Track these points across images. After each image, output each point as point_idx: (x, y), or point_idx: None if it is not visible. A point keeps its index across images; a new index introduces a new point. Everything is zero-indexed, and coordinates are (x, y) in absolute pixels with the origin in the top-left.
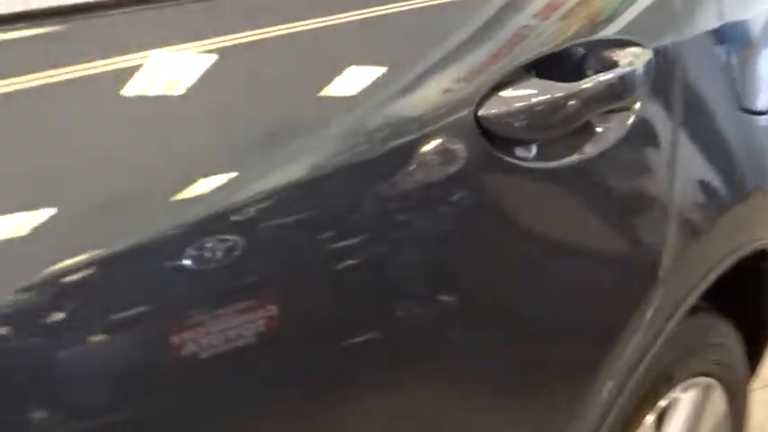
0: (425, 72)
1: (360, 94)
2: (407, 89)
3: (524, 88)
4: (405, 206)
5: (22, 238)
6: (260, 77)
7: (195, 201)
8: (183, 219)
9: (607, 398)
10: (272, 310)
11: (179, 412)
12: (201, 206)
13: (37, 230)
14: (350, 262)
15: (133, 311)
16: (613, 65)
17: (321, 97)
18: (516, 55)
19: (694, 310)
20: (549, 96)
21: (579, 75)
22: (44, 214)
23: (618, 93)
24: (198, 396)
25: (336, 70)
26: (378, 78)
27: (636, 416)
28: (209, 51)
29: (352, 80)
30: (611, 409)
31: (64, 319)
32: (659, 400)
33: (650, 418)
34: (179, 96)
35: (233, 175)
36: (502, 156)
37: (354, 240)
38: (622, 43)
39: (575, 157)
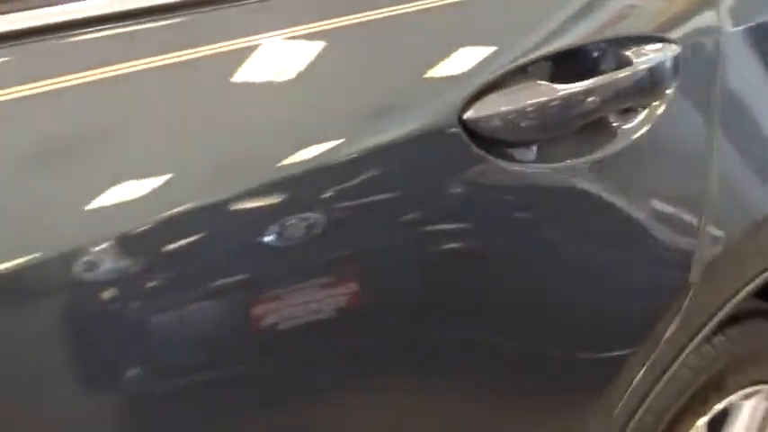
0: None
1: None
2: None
3: (519, 89)
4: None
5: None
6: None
7: (294, 177)
8: (284, 191)
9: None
10: (353, 287)
11: (257, 377)
12: (299, 181)
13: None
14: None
15: (222, 280)
16: (628, 62)
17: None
18: (513, 54)
19: (753, 315)
20: (541, 98)
21: (595, 72)
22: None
23: (630, 91)
24: (275, 364)
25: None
26: None
27: (680, 419)
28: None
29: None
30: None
31: (164, 282)
32: (709, 406)
33: (701, 421)
34: (294, 75)
35: (331, 149)
36: (495, 158)
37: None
38: (645, 39)
39: (586, 158)
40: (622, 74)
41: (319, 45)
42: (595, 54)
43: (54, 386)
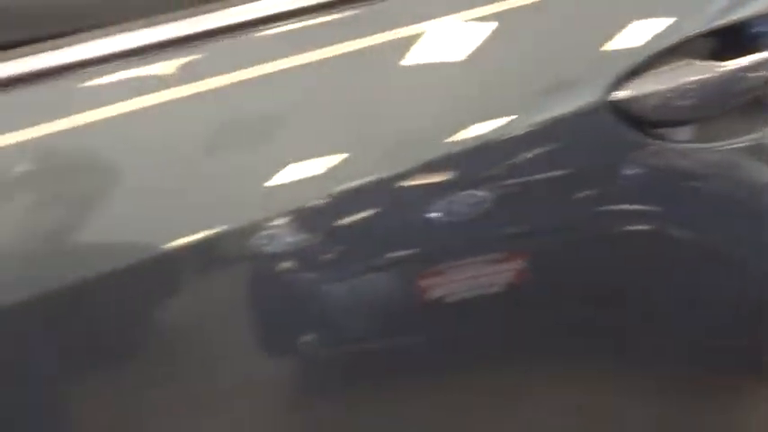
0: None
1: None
2: None
3: (674, 67)
4: None
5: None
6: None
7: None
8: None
9: None
10: (516, 264)
11: (423, 348)
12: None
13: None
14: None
15: (394, 253)
16: None
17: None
18: (668, 32)
19: None
20: (699, 76)
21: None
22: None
23: None
24: (439, 336)
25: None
26: None
27: None
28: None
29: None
30: None
31: (335, 257)
32: None
33: None
34: (463, 57)
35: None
36: (650, 138)
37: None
38: None
39: (745, 138)
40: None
41: (485, 28)
42: (755, 30)
43: (232, 353)
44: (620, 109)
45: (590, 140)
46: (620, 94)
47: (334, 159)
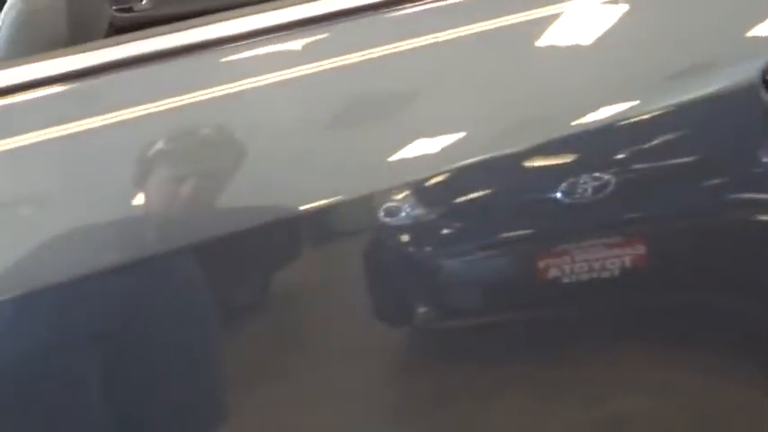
0: None
1: None
2: None
3: None
4: None
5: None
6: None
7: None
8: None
9: None
10: (639, 248)
11: (535, 326)
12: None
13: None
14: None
15: (509, 234)
16: None
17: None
18: None
19: None
20: None
21: None
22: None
23: None
24: (553, 315)
25: None
26: None
27: None
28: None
29: None
30: None
31: (453, 232)
32: None
33: None
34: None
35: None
36: None
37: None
38: None
39: None
40: None
41: (623, 9)
42: None
43: (347, 317)
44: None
45: (740, 122)
46: None
47: (457, 136)
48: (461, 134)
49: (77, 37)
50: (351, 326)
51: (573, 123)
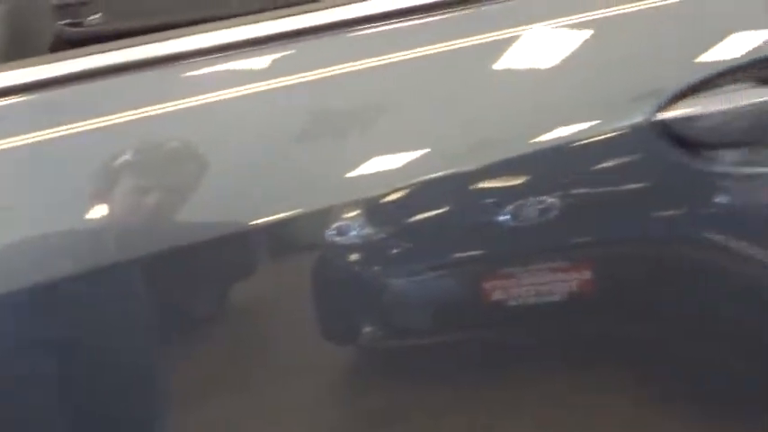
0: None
1: None
2: None
3: (727, 91)
4: None
5: None
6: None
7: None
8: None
9: None
10: (586, 274)
11: (478, 347)
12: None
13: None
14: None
15: (458, 254)
16: None
17: None
18: (723, 56)
19: None
20: (752, 101)
21: None
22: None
23: None
24: (498, 336)
25: None
26: None
27: None
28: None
29: None
30: None
31: (403, 250)
32: None
33: None
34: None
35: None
36: (697, 160)
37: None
38: None
39: None
40: None
41: (552, 41)
42: None
43: (299, 333)
44: (669, 129)
45: (636, 160)
46: (671, 114)
47: (413, 154)
48: (414, 153)
49: (17, 51)
50: (303, 342)
51: (515, 146)
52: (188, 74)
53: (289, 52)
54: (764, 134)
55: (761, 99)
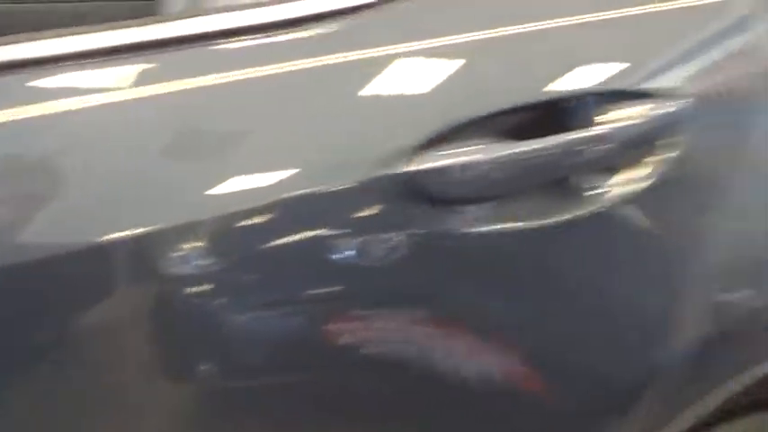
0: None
1: None
2: None
3: (471, 143)
4: None
5: None
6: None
7: None
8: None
9: None
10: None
11: (320, 390)
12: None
13: None
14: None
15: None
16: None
17: None
18: (469, 105)
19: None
20: (493, 155)
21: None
22: None
23: (592, 156)
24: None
25: None
26: None
27: None
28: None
29: None
30: None
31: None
32: None
33: None
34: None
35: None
36: (440, 215)
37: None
38: (634, 96)
39: (548, 220)
40: (586, 133)
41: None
42: (566, 108)
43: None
44: (409, 183)
45: (378, 215)
46: (412, 167)
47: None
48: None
49: None
50: (139, 375)
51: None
52: (35, 82)
53: (151, 65)
54: (505, 189)
55: (504, 152)
